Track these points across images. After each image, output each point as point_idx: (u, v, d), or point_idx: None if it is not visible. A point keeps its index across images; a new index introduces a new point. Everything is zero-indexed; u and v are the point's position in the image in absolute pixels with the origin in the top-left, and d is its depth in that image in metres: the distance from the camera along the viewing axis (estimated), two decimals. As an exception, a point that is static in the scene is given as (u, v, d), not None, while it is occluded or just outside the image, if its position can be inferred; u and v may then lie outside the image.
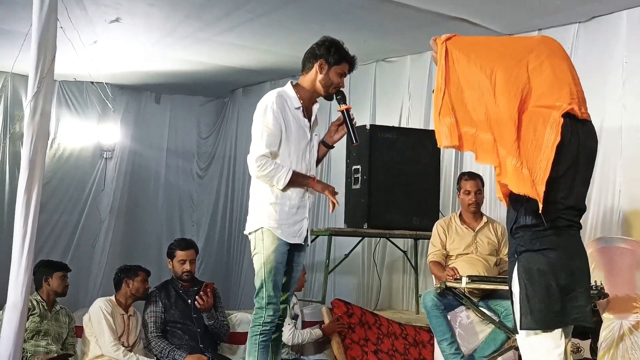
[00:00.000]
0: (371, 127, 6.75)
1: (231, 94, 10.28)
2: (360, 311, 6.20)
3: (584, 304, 3.22)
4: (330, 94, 4.21)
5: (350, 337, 5.95)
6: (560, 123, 3.13)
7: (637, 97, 6.15)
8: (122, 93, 9.66)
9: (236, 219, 9.89)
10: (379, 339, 6.07)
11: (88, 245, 9.38)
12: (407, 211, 6.77)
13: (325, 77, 4.15)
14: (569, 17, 6.52)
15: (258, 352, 4.07)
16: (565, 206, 3.26)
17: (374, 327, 6.16)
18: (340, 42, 4.19)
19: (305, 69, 4.22)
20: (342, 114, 4.21)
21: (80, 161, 9.46)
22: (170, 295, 5.58)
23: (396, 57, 8.09)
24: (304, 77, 4.23)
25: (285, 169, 4.03)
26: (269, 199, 4.08)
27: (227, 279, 9.78)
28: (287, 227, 4.10)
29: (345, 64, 4.18)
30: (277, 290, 4.10)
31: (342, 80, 4.21)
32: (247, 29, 7.11)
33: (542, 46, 3.36)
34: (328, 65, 4.13)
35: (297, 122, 4.15)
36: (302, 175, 4.12)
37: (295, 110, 4.15)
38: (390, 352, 6.03)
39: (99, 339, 5.29)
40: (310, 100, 4.24)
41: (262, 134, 4.04)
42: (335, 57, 4.13)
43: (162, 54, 8.05)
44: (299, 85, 4.22)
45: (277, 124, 4.04)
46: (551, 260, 3.20)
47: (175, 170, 10.38)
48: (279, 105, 4.07)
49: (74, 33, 6.40)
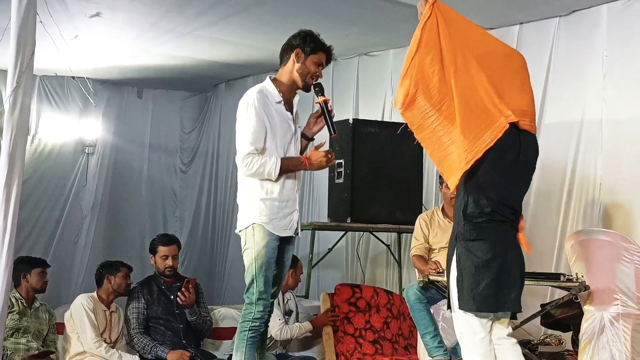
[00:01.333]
0: (354, 121, 6.75)
1: (214, 88, 10.25)
2: (371, 292, 6.17)
3: (516, 293, 3.66)
4: (308, 84, 4.23)
5: (343, 329, 5.92)
6: (503, 129, 3.49)
7: (617, 91, 6.18)
8: (103, 88, 9.61)
9: (219, 214, 9.87)
10: (385, 323, 6.06)
11: (70, 241, 9.34)
12: (391, 205, 6.77)
13: (302, 66, 4.19)
14: (550, 10, 6.54)
15: (246, 348, 4.08)
16: (502, 204, 3.64)
17: (384, 308, 6.13)
18: (316, 33, 4.25)
19: (282, 61, 4.26)
20: (320, 106, 4.22)
21: (61, 157, 9.40)
22: (152, 291, 5.57)
23: (379, 51, 8.08)
24: (282, 70, 4.26)
25: (273, 160, 4.03)
26: (259, 195, 4.09)
27: (210, 275, 9.76)
28: (278, 220, 4.11)
29: (322, 53, 4.23)
30: (268, 286, 4.10)
31: (320, 71, 4.25)
32: (230, 23, 7.09)
33: (517, 55, 3.85)
34: (304, 54, 4.18)
35: (281, 116, 4.16)
36: (292, 160, 4.12)
37: (277, 105, 4.17)
38: (394, 338, 6.03)
39: (80, 335, 5.27)
40: (290, 92, 4.26)
41: (246, 132, 4.05)
42: (311, 46, 4.19)
43: (143, 48, 8.01)
44: (278, 79, 4.25)
45: (260, 120, 4.05)
46: (484, 249, 3.60)
47: (157, 166, 10.33)
48: (261, 101, 4.08)
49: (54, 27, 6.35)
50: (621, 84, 6.12)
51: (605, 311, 4.87)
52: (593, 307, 4.95)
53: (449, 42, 3.56)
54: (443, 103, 3.55)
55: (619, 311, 4.83)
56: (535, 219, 6.50)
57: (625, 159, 6.10)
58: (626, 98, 6.09)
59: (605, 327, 4.82)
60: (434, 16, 3.51)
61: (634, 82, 6.06)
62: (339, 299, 6.04)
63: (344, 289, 6.14)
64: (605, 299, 4.88)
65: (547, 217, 6.51)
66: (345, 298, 6.05)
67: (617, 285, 4.82)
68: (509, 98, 3.60)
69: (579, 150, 6.39)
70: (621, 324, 4.81)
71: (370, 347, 5.92)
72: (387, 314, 6.14)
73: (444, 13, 3.56)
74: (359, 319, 6.01)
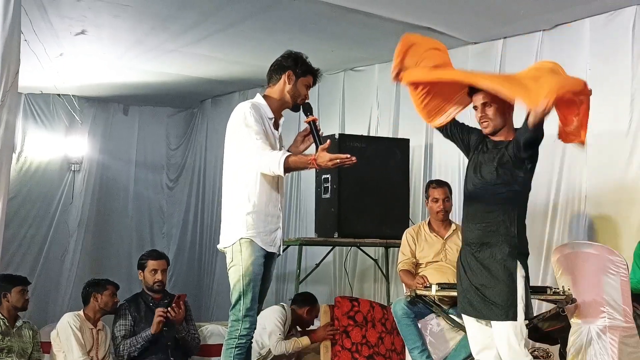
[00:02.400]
0: (340, 136, 6.76)
1: (200, 104, 10.24)
2: (368, 306, 6.15)
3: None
4: (298, 104, 4.27)
5: (341, 344, 5.90)
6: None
7: (601, 104, 6.19)
8: (89, 105, 9.58)
9: (207, 230, 9.85)
10: (379, 338, 6.05)
11: (57, 259, 9.28)
12: (378, 220, 6.78)
13: (293, 88, 4.23)
14: (533, 25, 6.59)
15: (232, 365, 4.06)
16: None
17: (379, 323, 6.12)
18: (304, 55, 4.29)
19: (272, 80, 4.28)
20: (309, 125, 4.24)
21: (47, 174, 9.36)
22: (140, 308, 5.54)
23: (364, 66, 8.11)
24: (271, 89, 4.28)
25: (281, 153, 3.98)
26: (245, 209, 4.07)
27: (198, 291, 9.73)
28: (265, 235, 4.11)
29: (310, 76, 4.29)
30: (255, 303, 4.09)
31: (307, 92, 4.29)
32: (215, 40, 7.10)
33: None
34: (296, 77, 4.22)
35: (270, 132, 4.18)
36: (300, 157, 4.06)
37: (269, 120, 4.19)
38: (388, 354, 6.02)
39: (67, 354, 5.25)
40: (279, 111, 4.29)
41: (250, 133, 4.02)
42: (302, 69, 4.24)
43: (129, 65, 8.01)
44: (268, 97, 4.26)
45: (260, 125, 4.06)
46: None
47: (144, 182, 10.30)
48: (257, 112, 4.09)
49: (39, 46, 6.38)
50: (605, 98, 6.15)
51: (592, 324, 4.89)
52: (580, 320, 4.97)
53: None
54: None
55: (606, 324, 4.86)
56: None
57: (610, 172, 6.13)
58: (610, 112, 6.12)
59: (593, 340, 4.84)
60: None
61: (618, 96, 6.10)
62: (339, 312, 5.99)
63: (344, 301, 6.11)
64: (592, 311, 4.91)
65: (533, 230, 6.48)
66: (345, 311, 6.01)
67: (603, 298, 4.85)
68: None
69: (564, 164, 6.41)
70: (608, 336, 4.84)
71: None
72: (381, 328, 6.13)
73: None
74: (356, 334, 5.99)
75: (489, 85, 3.86)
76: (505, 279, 3.89)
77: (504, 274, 3.90)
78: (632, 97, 6.04)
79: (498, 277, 3.91)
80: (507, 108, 4.01)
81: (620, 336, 4.82)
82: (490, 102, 3.96)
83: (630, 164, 5.98)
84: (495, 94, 3.84)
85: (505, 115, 4.03)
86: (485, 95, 3.95)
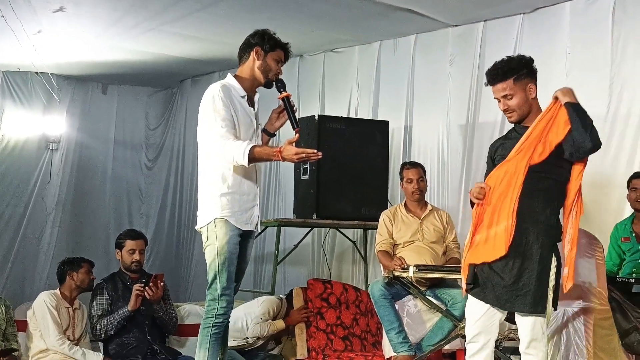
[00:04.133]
0: (320, 118, 6.76)
1: (179, 84, 10.19)
2: (341, 288, 6.18)
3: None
4: (270, 80, 4.27)
5: (315, 325, 5.92)
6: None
7: (580, 88, 6.15)
8: (67, 83, 9.51)
9: (185, 210, 9.83)
10: (354, 320, 6.07)
11: (34, 238, 9.23)
12: (356, 201, 6.80)
13: (262, 64, 4.23)
14: (514, 8, 6.60)
15: (209, 345, 4.06)
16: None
17: (353, 305, 6.15)
18: (271, 31, 4.30)
19: (242, 59, 4.30)
20: (282, 101, 4.24)
21: (25, 153, 9.28)
22: (117, 287, 5.53)
23: (344, 48, 8.09)
24: (242, 68, 4.29)
25: (246, 144, 3.98)
26: (220, 190, 4.08)
27: (176, 271, 9.72)
28: (240, 214, 4.11)
29: (280, 50, 4.28)
30: (231, 282, 4.09)
31: (280, 67, 4.29)
32: (195, 19, 7.06)
33: None
34: (264, 52, 4.23)
35: (244, 111, 4.18)
36: (265, 148, 4.07)
37: (241, 99, 4.19)
38: (363, 335, 6.05)
39: (43, 333, 5.23)
40: (252, 89, 4.29)
41: (216, 119, 4.03)
42: (270, 43, 4.24)
43: (108, 44, 7.94)
44: (239, 76, 4.27)
45: (228, 110, 4.05)
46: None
47: (122, 162, 10.25)
48: (226, 94, 4.09)
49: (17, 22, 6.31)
50: (584, 82, 6.17)
51: (567, 306, 4.93)
52: (555, 302, 5.00)
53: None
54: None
55: (582, 306, 4.90)
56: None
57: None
58: (589, 95, 6.14)
59: (568, 322, 4.87)
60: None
61: (596, 80, 6.13)
62: (312, 294, 6.03)
63: (316, 283, 6.14)
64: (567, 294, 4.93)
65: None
66: (317, 293, 6.05)
67: (579, 281, 4.88)
68: None
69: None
70: (583, 318, 4.88)
71: (341, 343, 5.93)
72: (355, 310, 6.16)
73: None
74: (330, 315, 6.02)
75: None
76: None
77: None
78: (611, 81, 6.08)
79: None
80: (529, 92, 3.88)
81: (595, 319, 4.86)
82: (511, 93, 3.84)
83: (608, 147, 6.01)
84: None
85: (529, 102, 3.88)
86: (504, 86, 3.85)
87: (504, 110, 3.91)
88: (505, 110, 3.91)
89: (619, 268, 5.79)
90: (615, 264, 5.78)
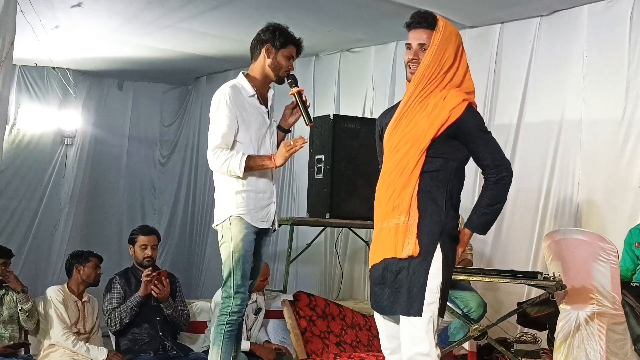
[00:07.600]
0: (334, 117, 6.75)
1: (195, 81, 10.21)
2: (324, 302, 6.19)
3: None
4: (281, 77, 4.24)
5: (310, 330, 5.93)
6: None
7: (596, 92, 6.22)
8: (83, 79, 9.54)
9: (198, 206, 9.85)
10: (342, 330, 6.07)
11: (47, 232, 9.26)
12: (369, 201, 6.64)
13: (273, 61, 4.20)
14: (531, 10, 6.58)
15: (223, 342, 4.07)
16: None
17: (338, 318, 6.15)
18: (284, 26, 4.25)
19: (253, 56, 4.27)
20: (294, 97, 4.22)
21: (40, 147, 9.33)
22: (130, 282, 5.54)
23: (360, 48, 8.09)
24: (253, 66, 4.27)
25: (239, 155, 4.02)
26: (235, 188, 4.09)
27: (188, 268, 9.74)
28: (255, 212, 4.12)
29: (292, 46, 4.24)
30: (246, 279, 4.10)
31: (291, 64, 4.26)
32: (212, 16, 7.07)
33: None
34: (275, 49, 4.19)
35: (255, 109, 4.17)
36: (259, 157, 4.10)
37: (251, 98, 4.17)
38: (354, 344, 6.04)
39: (48, 328, 5.24)
40: (264, 86, 4.27)
41: (217, 128, 4.06)
42: (281, 40, 4.19)
43: (125, 40, 7.97)
44: (250, 75, 4.26)
45: (232, 117, 4.05)
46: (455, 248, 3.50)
47: (137, 158, 10.28)
48: (233, 96, 4.08)
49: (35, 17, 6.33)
50: (600, 85, 6.17)
51: (580, 310, 4.90)
52: (569, 306, 4.98)
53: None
54: None
55: (595, 310, 4.87)
56: (512, 217, 6.54)
57: (602, 159, 6.15)
58: (605, 99, 6.13)
59: (581, 326, 4.85)
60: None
61: (613, 84, 6.11)
62: (301, 304, 6.01)
63: (302, 295, 6.11)
64: (581, 298, 4.92)
65: (524, 215, 6.55)
66: (305, 303, 6.03)
67: (593, 285, 4.85)
68: None
69: (557, 150, 6.43)
70: (596, 323, 4.85)
71: (335, 348, 5.91)
72: (342, 322, 6.13)
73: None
74: (321, 323, 6.00)
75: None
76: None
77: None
78: (628, 84, 6.05)
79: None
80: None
81: (608, 323, 4.83)
82: (427, 45, 3.34)
83: (623, 151, 6.00)
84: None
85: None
86: (427, 34, 3.35)
87: (411, 59, 3.38)
88: (411, 61, 3.39)
89: (633, 273, 5.76)
90: (629, 269, 5.74)
